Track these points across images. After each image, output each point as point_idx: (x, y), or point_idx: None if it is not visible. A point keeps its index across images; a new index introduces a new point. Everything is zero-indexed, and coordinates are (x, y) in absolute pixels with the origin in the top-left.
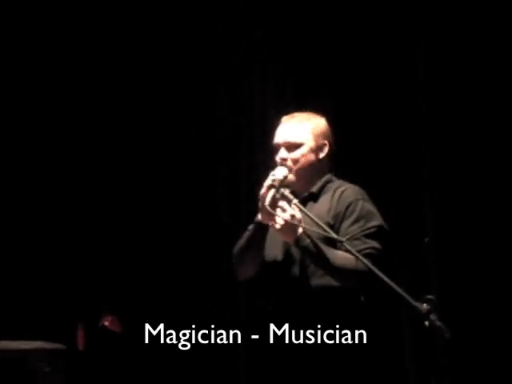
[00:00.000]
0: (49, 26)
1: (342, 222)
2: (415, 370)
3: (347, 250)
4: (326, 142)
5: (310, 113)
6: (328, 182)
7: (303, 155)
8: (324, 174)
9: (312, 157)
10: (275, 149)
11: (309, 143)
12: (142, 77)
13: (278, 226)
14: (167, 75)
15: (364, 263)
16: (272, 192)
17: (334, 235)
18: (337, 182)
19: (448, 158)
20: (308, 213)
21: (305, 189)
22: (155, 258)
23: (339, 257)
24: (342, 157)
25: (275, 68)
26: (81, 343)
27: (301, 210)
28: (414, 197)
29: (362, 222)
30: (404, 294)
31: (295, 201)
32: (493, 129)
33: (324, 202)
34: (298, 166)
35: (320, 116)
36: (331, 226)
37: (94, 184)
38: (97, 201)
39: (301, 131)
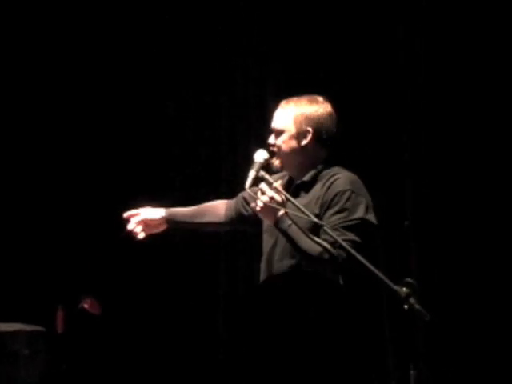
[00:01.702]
0: (49, 26)
1: (326, 211)
2: (394, 354)
3: (328, 235)
4: (310, 128)
5: (311, 96)
6: (322, 170)
7: (284, 141)
8: (317, 161)
9: (293, 144)
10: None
11: (289, 130)
12: (133, 70)
13: (257, 208)
14: (163, 72)
15: (345, 248)
16: (252, 174)
17: (313, 218)
18: (332, 170)
19: (429, 143)
20: (287, 195)
21: (299, 176)
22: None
23: (317, 243)
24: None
25: (268, 67)
26: (60, 326)
27: (281, 193)
28: (394, 181)
29: (344, 214)
30: (383, 277)
31: (275, 184)
32: (473, 116)
33: (314, 191)
34: (281, 152)
35: (322, 100)
36: (317, 215)
37: (71, 171)
38: (73, 187)
39: (283, 118)
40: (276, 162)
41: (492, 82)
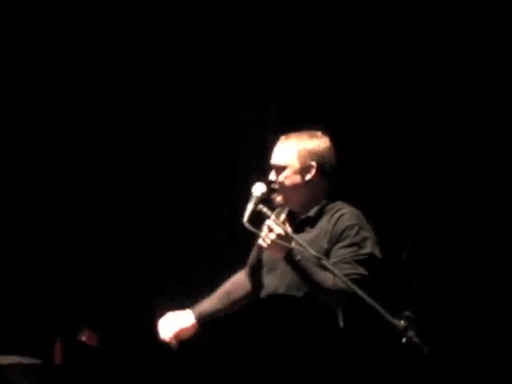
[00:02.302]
0: (49, 26)
1: (335, 244)
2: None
3: (327, 268)
4: (314, 163)
5: (310, 132)
6: (326, 205)
7: (286, 177)
8: (321, 195)
9: (297, 179)
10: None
11: (292, 165)
12: (133, 76)
13: (264, 245)
14: (164, 75)
15: (345, 282)
16: (250, 208)
17: (312, 252)
18: (336, 205)
19: (428, 171)
20: (286, 229)
21: (303, 211)
22: (132, 273)
23: (326, 277)
24: None
25: (268, 67)
26: (58, 358)
27: (278, 225)
28: (393, 213)
29: (354, 248)
30: (382, 310)
31: (273, 217)
32: (469, 142)
33: (321, 226)
34: (284, 188)
35: (321, 135)
36: (326, 250)
37: (70, 198)
38: (70, 215)
39: (285, 153)
40: (278, 199)
41: (492, 81)
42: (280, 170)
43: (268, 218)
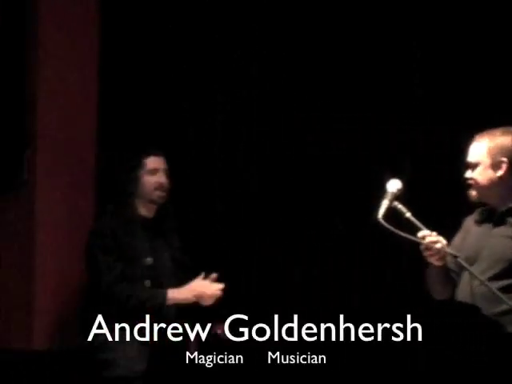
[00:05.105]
0: None
1: None
2: None
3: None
4: (504, 159)
5: (504, 128)
6: None
7: (480, 174)
8: None
9: (489, 175)
10: None
11: (483, 162)
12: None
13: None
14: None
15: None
16: (385, 204)
17: (447, 249)
18: None
19: None
20: (420, 225)
21: (500, 205)
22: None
23: None
24: None
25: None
26: (192, 350)
27: (413, 222)
28: None
29: None
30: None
31: (408, 214)
32: None
33: None
34: (477, 184)
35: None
36: None
37: None
38: None
39: (477, 151)
40: (473, 193)
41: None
42: (473, 166)
43: (403, 214)
